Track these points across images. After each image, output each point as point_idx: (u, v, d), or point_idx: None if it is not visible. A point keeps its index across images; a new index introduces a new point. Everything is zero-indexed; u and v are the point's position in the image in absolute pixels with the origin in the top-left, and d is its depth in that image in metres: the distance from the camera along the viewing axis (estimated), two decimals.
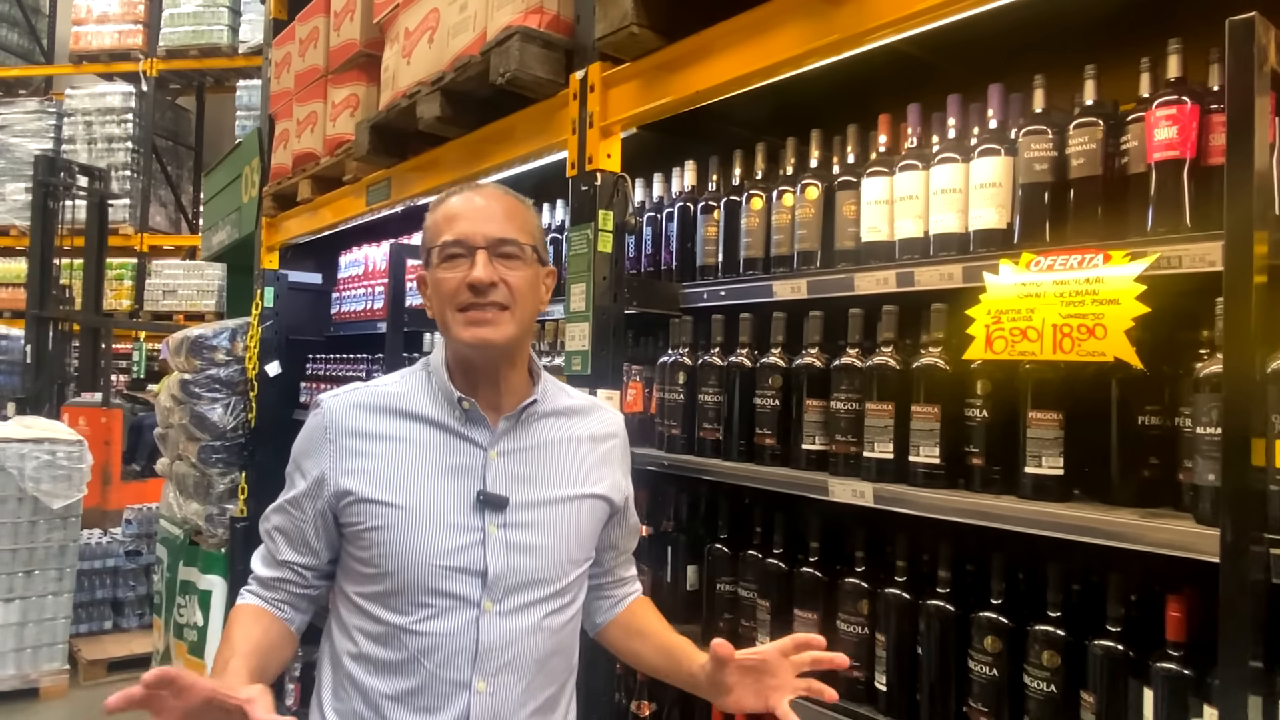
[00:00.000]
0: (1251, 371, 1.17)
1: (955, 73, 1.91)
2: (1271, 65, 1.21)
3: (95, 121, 10.45)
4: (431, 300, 1.42)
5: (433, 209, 1.44)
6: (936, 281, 1.65)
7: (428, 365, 1.47)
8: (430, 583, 1.34)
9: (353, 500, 1.36)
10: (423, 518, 1.34)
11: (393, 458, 1.37)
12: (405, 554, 1.33)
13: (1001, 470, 1.56)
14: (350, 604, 1.40)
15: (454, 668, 1.34)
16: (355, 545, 1.37)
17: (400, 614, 1.34)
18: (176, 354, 4.51)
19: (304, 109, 3.69)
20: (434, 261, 1.39)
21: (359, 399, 1.42)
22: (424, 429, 1.40)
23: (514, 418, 1.43)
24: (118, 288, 10.52)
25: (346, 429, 1.39)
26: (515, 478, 1.41)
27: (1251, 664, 1.13)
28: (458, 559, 1.35)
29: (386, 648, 1.35)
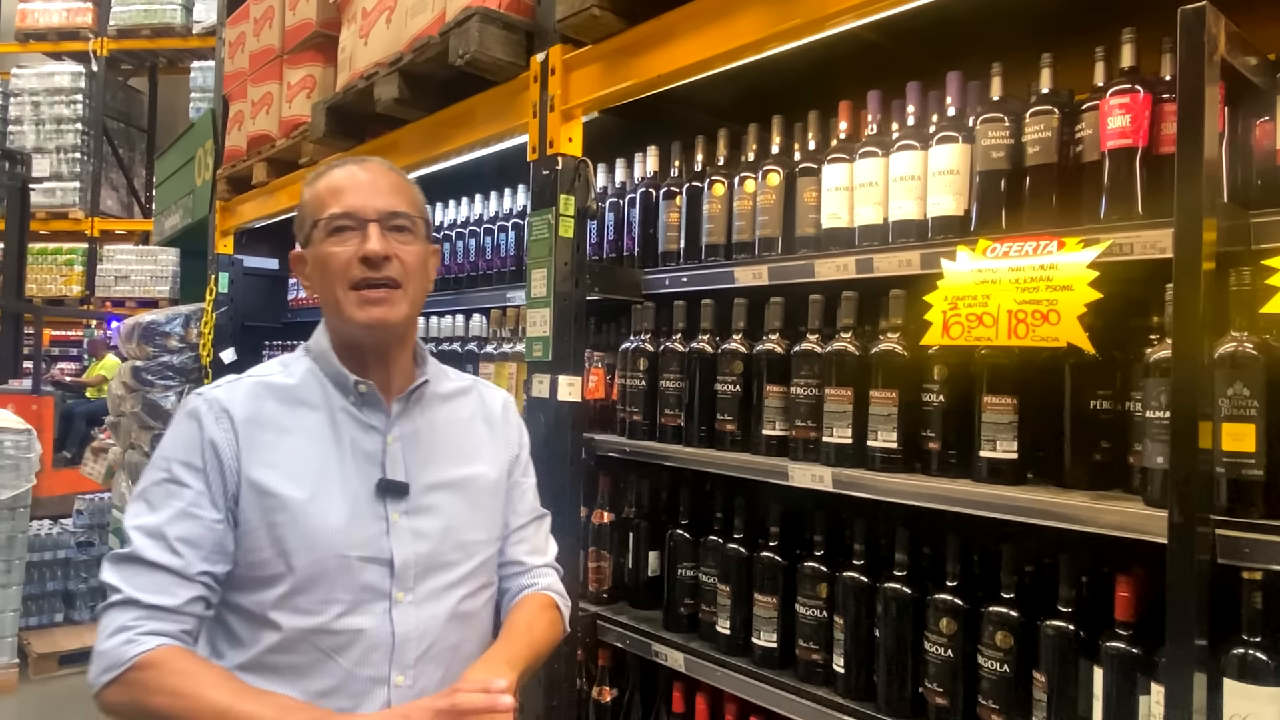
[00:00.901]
0: (1200, 356, 1.19)
1: (915, 60, 1.92)
2: (1222, 54, 1.23)
3: (43, 102, 10.15)
4: (314, 279, 1.34)
5: (310, 183, 1.36)
6: (895, 268, 1.67)
7: (309, 351, 1.39)
8: (341, 578, 1.26)
9: (256, 494, 1.26)
10: (327, 510, 1.27)
11: (291, 449, 1.29)
12: (312, 550, 1.25)
13: (957, 454, 1.58)
14: (241, 614, 1.27)
15: (371, 663, 1.27)
16: (244, 549, 1.26)
17: (309, 615, 1.25)
18: (128, 340, 4.41)
19: (259, 90, 3.61)
20: (318, 237, 1.30)
21: (247, 389, 1.32)
22: (319, 417, 1.32)
23: (405, 399, 1.38)
24: (68, 273, 10.26)
25: (243, 418, 1.28)
26: (413, 462, 1.36)
27: (1197, 642, 1.16)
28: (366, 550, 1.28)
29: (293, 652, 1.25)
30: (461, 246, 2.98)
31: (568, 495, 2.17)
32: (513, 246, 2.74)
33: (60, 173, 10.15)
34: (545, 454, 2.16)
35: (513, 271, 2.73)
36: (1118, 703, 1.33)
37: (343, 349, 1.36)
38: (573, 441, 2.18)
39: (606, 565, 2.28)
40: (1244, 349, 1.22)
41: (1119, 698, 1.33)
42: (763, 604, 1.85)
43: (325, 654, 1.26)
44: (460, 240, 2.99)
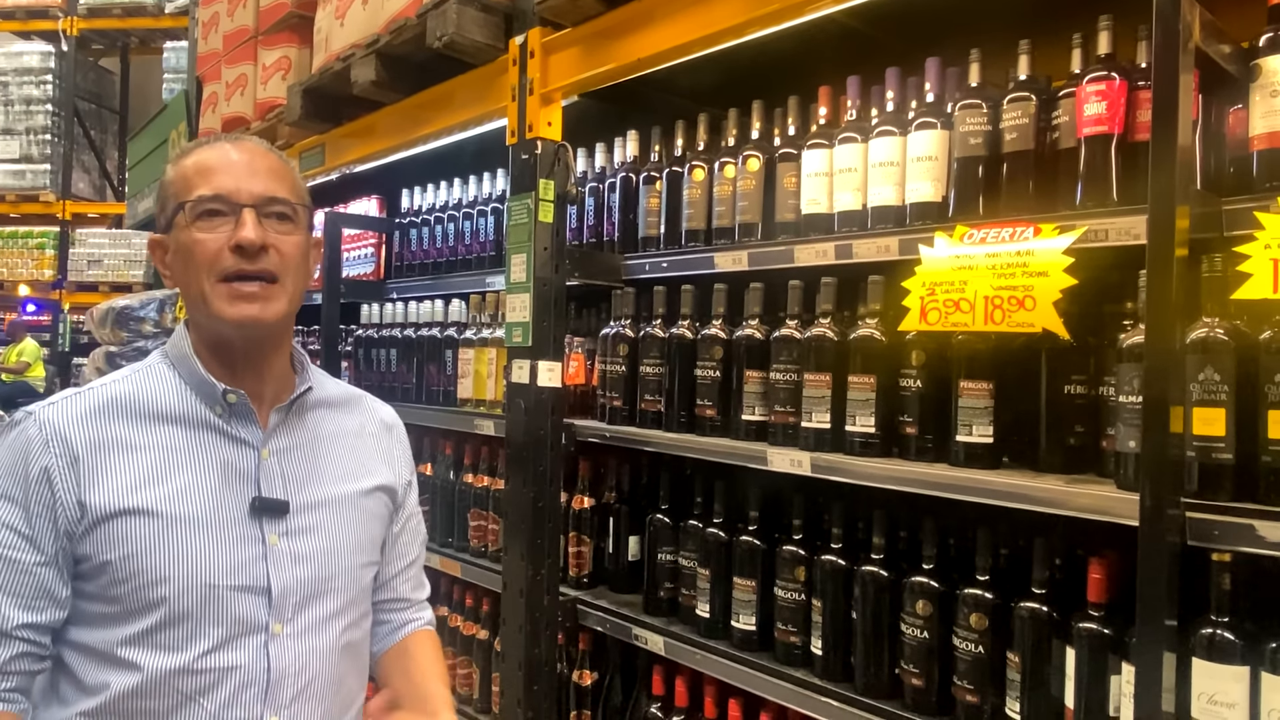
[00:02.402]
0: (1172, 342, 1.21)
1: (895, 45, 1.92)
2: (1196, 42, 1.24)
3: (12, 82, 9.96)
4: (175, 269, 1.19)
5: (175, 161, 1.21)
6: (874, 254, 1.67)
7: (167, 355, 1.23)
8: (210, 610, 1.12)
9: (96, 521, 1.10)
10: (193, 535, 1.13)
11: (142, 470, 1.13)
12: (175, 581, 1.11)
13: (934, 439, 1.59)
14: (89, 654, 1.12)
15: (240, 704, 1.14)
16: (98, 583, 1.11)
17: (173, 652, 1.11)
18: (101, 325, 4.35)
19: (233, 71, 3.56)
20: (183, 221, 1.16)
21: (84, 406, 1.15)
22: (177, 432, 1.17)
23: (285, 409, 1.24)
24: (39, 257, 10.11)
25: (74, 442, 1.12)
26: (292, 478, 1.22)
27: (1167, 623, 1.18)
28: (239, 577, 1.15)
29: (150, 696, 1.11)
30: (440, 231, 2.96)
31: (548, 481, 2.18)
32: (492, 231, 2.73)
33: (30, 154, 9.97)
34: (525, 439, 2.16)
35: (492, 256, 2.71)
36: (1090, 682, 1.35)
37: (208, 352, 1.21)
38: (553, 427, 2.18)
39: (587, 550, 2.28)
40: (1215, 334, 1.23)
41: (1091, 677, 1.35)
42: (742, 587, 1.86)
43: (187, 697, 1.12)
44: (439, 225, 2.97)
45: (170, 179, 1.20)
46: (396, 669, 1.39)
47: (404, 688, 1.35)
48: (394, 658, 1.40)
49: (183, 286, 1.19)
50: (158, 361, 1.23)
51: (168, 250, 1.20)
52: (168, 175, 1.21)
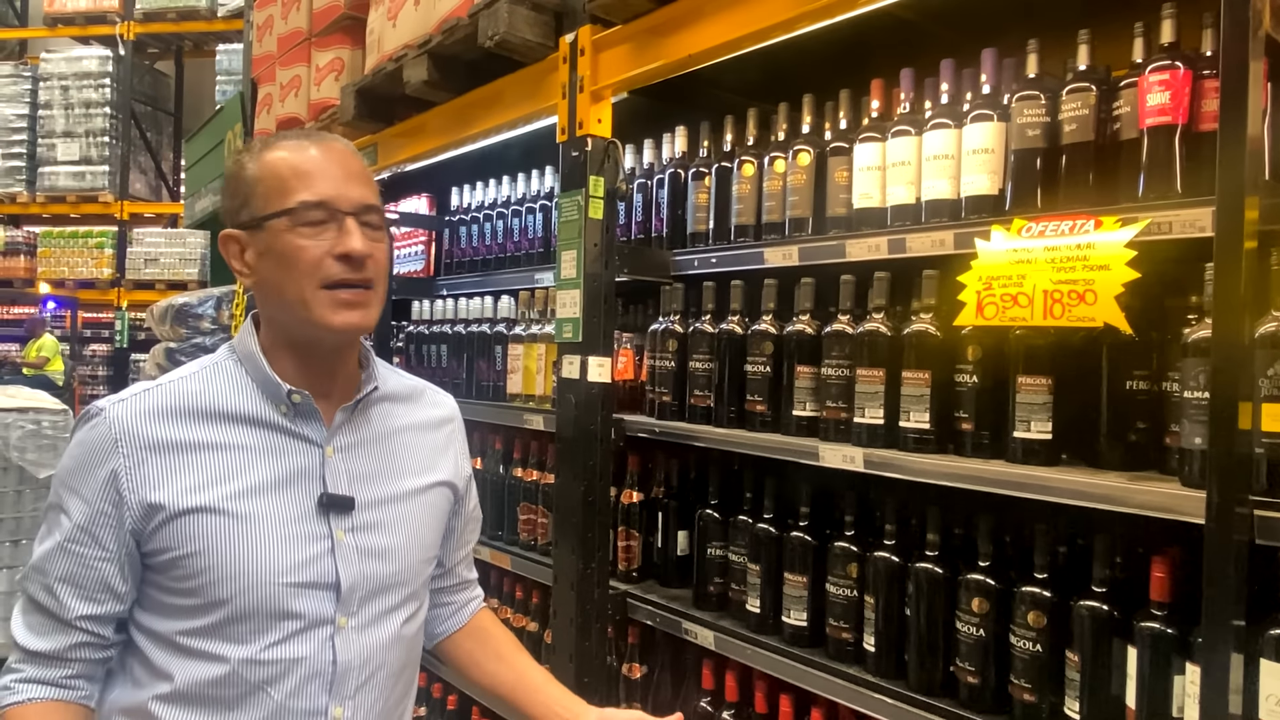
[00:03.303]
0: (1240, 336, 1.18)
1: (949, 37, 1.90)
2: (1266, 30, 1.21)
3: (72, 86, 10.27)
4: (266, 270, 1.17)
5: (257, 155, 1.19)
6: (928, 248, 1.66)
7: (234, 353, 1.23)
8: (277, 605, 1.15)
9: (165, 520, 1.12)
10: (259, 532, 1.15)
11: (210, 469, 1.15)
12: (242, 577, 1.13)
13: (991, 435, 1.58)
14: (163, 643, 1.15)
15: (306, 694, 1.17)
16: (170, 576, 1.14)
17: (241, 644, 1.14)
18: (161, 322, 4.47)
19: (287, 73, 3.63)
20: (282, 226, 1.15)
21: (153, 403, 1.16)
22: (244, 430, 1.18)
23: (351, 408, 1.25)
24: (99, 256, 10.42)
25: (143, 441, 1.13)
26: (357, 475, 1.24)
27: (1234, 623, 1.16)
28: (306, 573, 1.17)
29: (219, 685, 1.14)
30: (489, 228, 2.99)
31: (598, 475, 2.19)
32: (540, 228, 2.75)
33: (89, 156, 10.28)
34: (575, 434, 2.18)
35: (540, 253, 2.74)
36: (1152, 682, 1.33)
37: (286, 351, 1.21)
38: (602, 422, 2.20)
39: (636, 544, 2.30)
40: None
41: (1153, 677, 1.33)
42: (793, 583, 1.86)
43: (255, 686, 1.14)
44: (488, 222, 3.00)
45: (257, 175, 1.18)
46: (482, 650, 1.47)
47: (505, 673, 1.44)
48: (471, 637, 1.48)
49: (273, 289, 1.18)
50: (225, 358, 1.24)
51: (246, 247, 1.19)
52: (250, 170, 1.19)
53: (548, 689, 1.42)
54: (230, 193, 1.21)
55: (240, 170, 1.20)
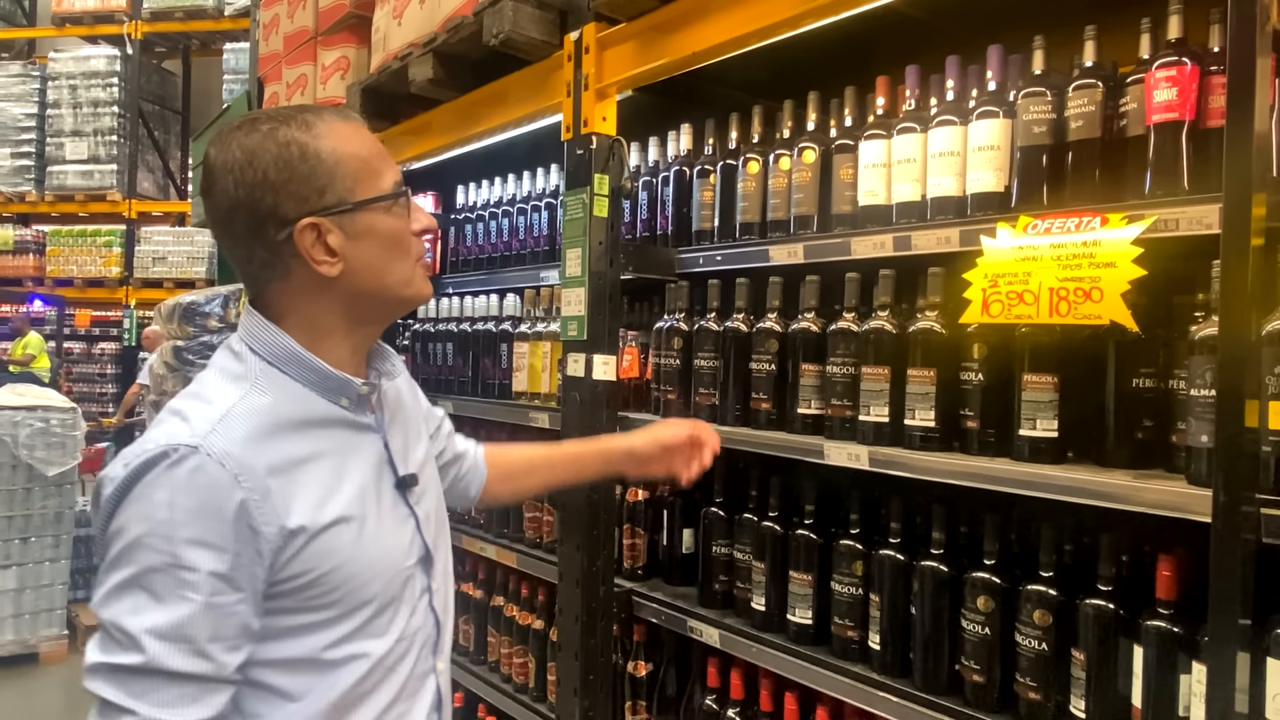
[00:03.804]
0: (1247, 334, 1.18)
1: (954, 34, 1.89)
2: (1273, 25, 1.20)
3: (80, 85, 10.30)
4: (366, 255, 1.13)
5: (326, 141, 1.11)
6: (933, 245, 1.65)
7: (276, 358, 1.14)
8: (401, 590, 1.19)
9: (307, 541, 1.07)
10: (377, 528, 1.16)
11: (321, 481, 1.11)
12: (381, 575, 1.15)
13: (996, 433, 1.57)
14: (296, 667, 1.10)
15: (421, 660, 1.24)
16: (304, 597, 1.09)
17: (380, 637, 1.16)
18: (169, 320, 4.49)
19: (293, 72, 3.64)
20: (383, 207, 1.14)
21: (246, 430, 1.06)
22: (323, 435, 1.14)
23: (376, 389, 1.25)
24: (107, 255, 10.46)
25: (258, 468, 1.05)
26: (398, 450, 1.25)
27: (1241, 621, 1.16)
28: (412, 554, 1.22)
29: (365, 681, 1.14)
30: (495, 226, 2.99)
31: None
32: (545, 226, 2.75)
33: (97, 155, 10.32)
34: (580, 432, 2.18)
35: (546, 251, 2.74)
36: (1158, 681, 1.33)
37: (337, 341, 1.17)
38: (607, 420, 2.20)
39: (641, 542, 2.30)
40: None
41: (1160, 676, 1.33)
42: (798, 581, 1.86)
43: (390, 669, 1.18)
44: (493, 220, 3.00)
45: (335, 158, 1.10)
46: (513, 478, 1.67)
47: (544, 473, 1.70)
48: (498, 478, 1.65)
49: (371, 272, 1.14)
50: (260, 368, 1.13)
51: (328, 233, 1.10)
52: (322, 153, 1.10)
53: (580, 450, 1.69)
54: (297, 176, 1.09)
55: (305, 151, 1.09)
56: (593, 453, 1.75)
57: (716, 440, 1.73)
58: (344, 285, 1.13)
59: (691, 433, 1.70)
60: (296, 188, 1.08)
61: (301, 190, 1.09)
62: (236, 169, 1.08)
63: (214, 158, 1.10)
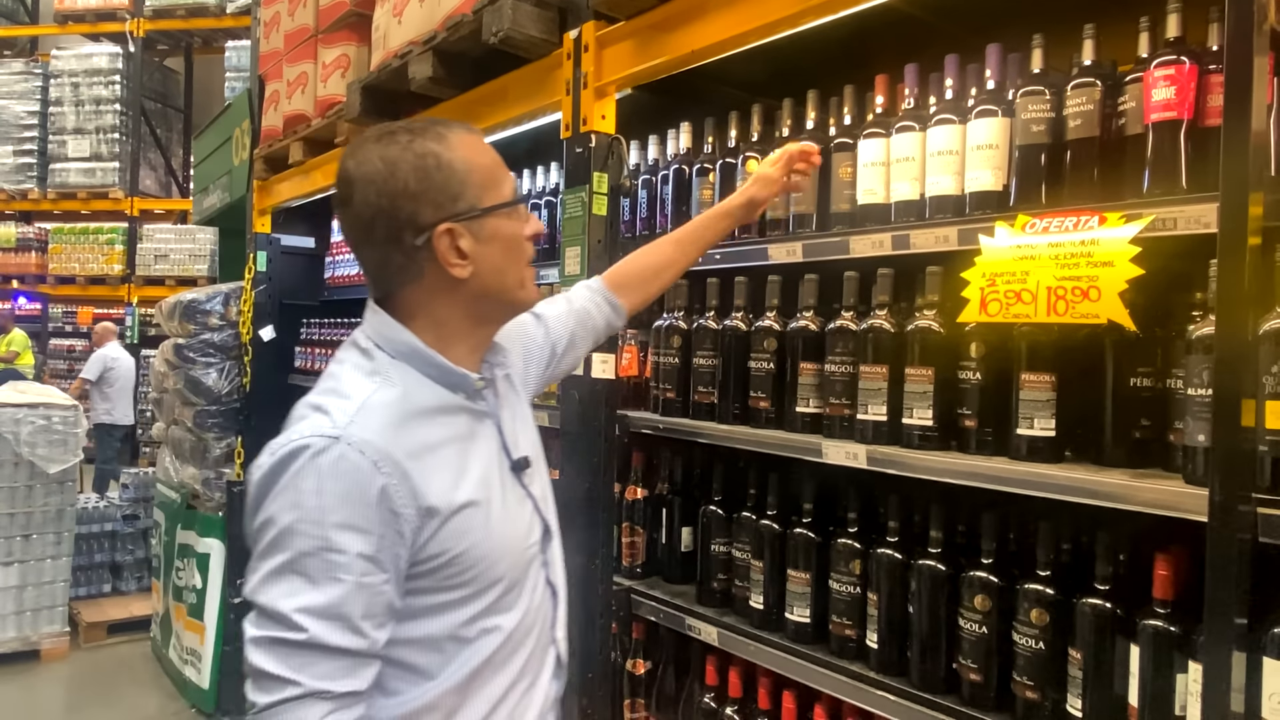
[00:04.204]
0: (1244, 333, 1.18)
1: (954, 32, 1.89)
2: (1271, 24, 1.20)
3: (82, 83, 10.32)
4: (491, 258, 1.20)
5: (457, 151, 1.19)
6: (932, 244, 1.65)
7: (401, 354, 1.21)
8: (525, 567, 1.27)
9: (442, 522, 1.14)
10: (502, 510, 1.23)
11: (450, 465, 1.18)
12: (508, 554, 1.22)
13: (994, 432, 1.57)
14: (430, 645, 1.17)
15: (543, 631, 1.32)
16: (441, 576, 1.15)
17: (510, 611, 1.23)
18: (170, 318, 4.49)
19: (294, 70, 3.64)
20: (506, 214, 1.22)
21: (382, 420, 1.14)
22: (449, 421, 1.22)
23: (490, 382, 1.32)
24: (109, 252, 10.48)
25: (394, 454, 1.11)
26: (509, 434, 1.32)
27: (1237, 621, 1.16)
28: (533, 533, 1.30)
29: (498, 652, 1.22)
30: None
31: (601, 471, 2.19)
32: (545, 224, 2.75)
33: (100, 153, 10.34)
34: (579, 430, 2.19)
35: (545, 249, 2.73)
36: (1154, 680, 1.33)
37: (460, 339, 1.25)
38: (606, 418, 2.20)
39: (640, 540, 2.30)
40: None
41: (1156, 675, 1.33)
42: (796, 579, 1.86)
43: (519, 642, 1.25)
44: None
45: (467, 167, 1.19)
46: (642, 274, 1.76)
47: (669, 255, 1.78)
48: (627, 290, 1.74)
49: (494, 274, 1.22)
50: (387, 362, 1.21)
51: (460, 237, 1.18)
52: (454, 162, 1.18)
53: (702, 226, 1.78)
54: (434, 185, 1.17)
55: (441, 161, 1.17)
56: (715, 218, 1.79)
57: (809, 147, 1.80)
58: (472, 286, 1.21)
59: (788, 155, 1.78)
60: (434, 195, 1.17)
61: (438, 198, 1.17)
62: (379, 179, 1.16)
63: (353, 169, 1.18)
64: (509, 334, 1.44)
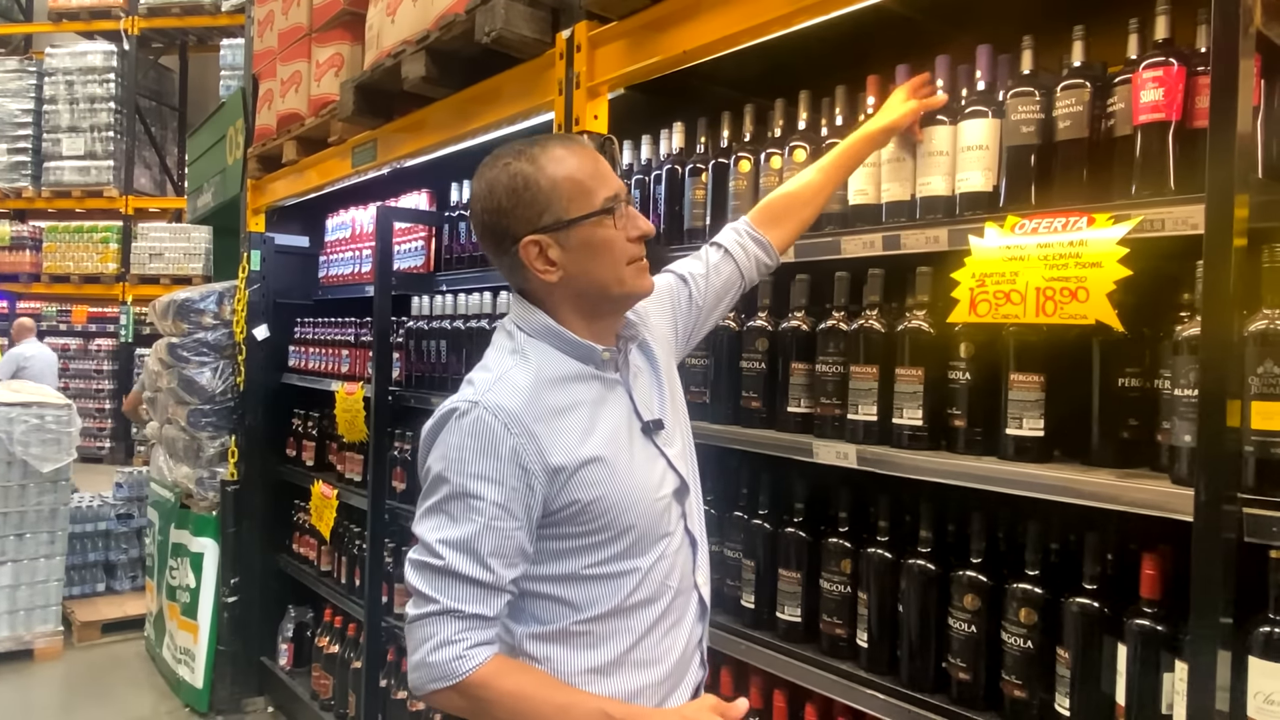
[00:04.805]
0: (1230, 334, 1.18)
1: (945, 33, 1.90)
2: (1258, 26, 1.21)
3: (77, 81, 10.30)
4: (579, 262, 1.34)
5: (548, 169, 1.33)
6: (922, 245, 1.66)
7: (537, 332, 1.38)
8: (657, 518, 1.37)
9: (569, 476, 1.29)
10: (630, 466, 1.35)
11: (580, 425, 1.32)
12: (636, 505, 1.33)
13: (983, 432, 1.58)
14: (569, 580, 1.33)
15: (685, 575, 1.43)
16: (577, 523, 1.31)
17: (645, 555, 1.36)
18: (163, 317, 4.49)
19: (288, 69, 3.64)
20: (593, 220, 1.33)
21: (520, 386, 1.31)
22: (580, 388, 1.36)
23: (621, 349, 1.44)
24: (104, 251, 10.45)
25: (531, 415, 1.28)
26: (643, 402, 1.44)
27: (1222, 620, 1.16)
28: (665, 487, 1.40)
29: (643, 588, 1.36)
30: None
31: None
32: None
33: (94, 151, 10.31)
34: None
35: None
36: (1141, 679, 1.33)
37: (579, 321, 1.39)
38: None
39: None
40: (1275, 326, 1.20)
41: (1143, 674, 1.33)
42: (787, 579, 1.87)
43: (661, 583, 1.38)
44: None
45: (553, 183, 1.32)
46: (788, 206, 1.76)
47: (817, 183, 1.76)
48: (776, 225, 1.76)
49: (585, 275, 1.35)
50: (525, 340, 1.38)
51: (548, 248, 1.33)
52: (542, 180, 1.32)
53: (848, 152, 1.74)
54: (522, 202, 1.33)
55: (529, 181, 1.33)
56: (859, 144, 1.75)
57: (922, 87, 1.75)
58: (568, 288, 1.36)
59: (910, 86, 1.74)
60: (522, 212, 1.33)
61: (525, 214, 1.33)
62: (483, 197, 1.36)
63: (473, 189, 1.40)
64: (658, 305, 1.60)
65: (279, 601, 4.20)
